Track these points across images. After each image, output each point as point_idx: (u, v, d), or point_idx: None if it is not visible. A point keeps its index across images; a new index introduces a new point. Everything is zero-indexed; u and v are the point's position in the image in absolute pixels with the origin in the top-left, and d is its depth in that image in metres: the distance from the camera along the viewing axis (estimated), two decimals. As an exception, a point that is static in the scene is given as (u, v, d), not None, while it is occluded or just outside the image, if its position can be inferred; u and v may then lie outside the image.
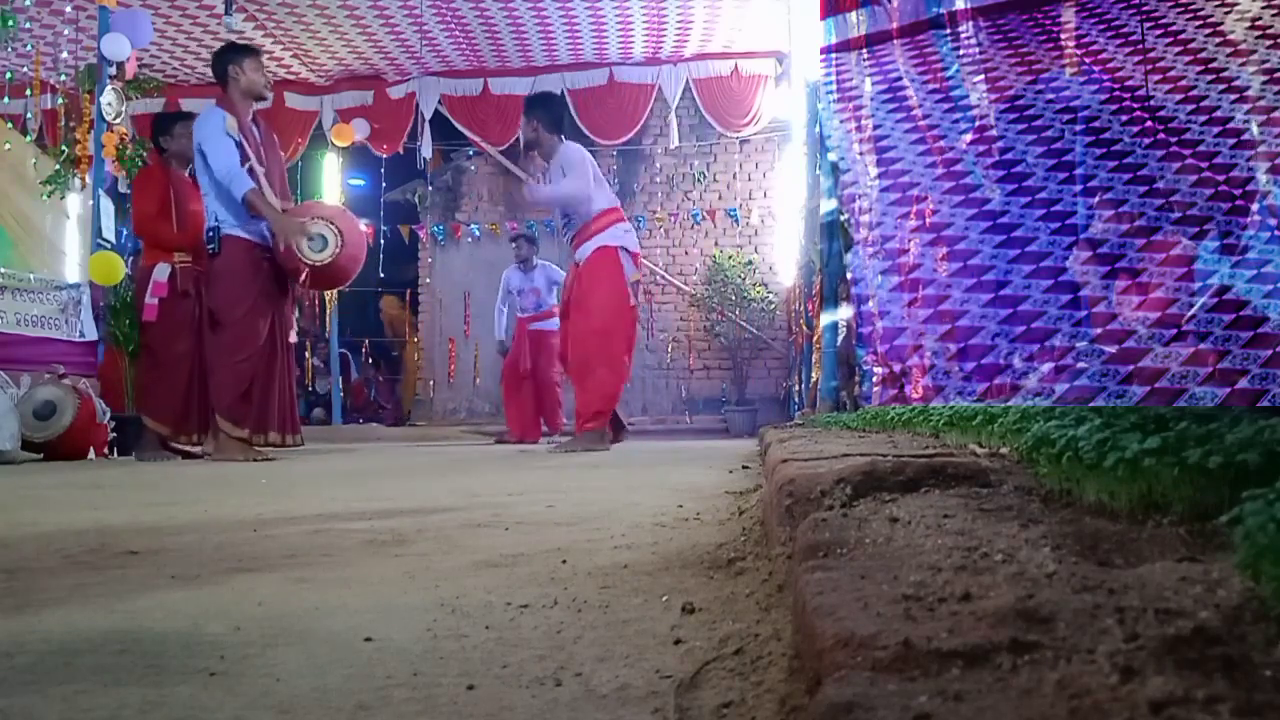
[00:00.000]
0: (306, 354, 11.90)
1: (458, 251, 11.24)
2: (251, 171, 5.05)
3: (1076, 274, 3.08)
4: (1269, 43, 3.30)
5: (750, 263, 10.53)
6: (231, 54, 5.31)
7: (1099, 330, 2.92)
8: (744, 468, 3.66)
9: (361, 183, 12.34)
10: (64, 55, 8.64)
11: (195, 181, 5.67)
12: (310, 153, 10.78)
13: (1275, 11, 3.36)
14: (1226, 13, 3.53)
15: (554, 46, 9.79)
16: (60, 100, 8.75)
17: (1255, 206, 3.00)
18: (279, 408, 5.22)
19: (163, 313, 5.49)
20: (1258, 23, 3.41)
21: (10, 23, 6.87)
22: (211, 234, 5.06)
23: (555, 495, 2.63)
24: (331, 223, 5.20)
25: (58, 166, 6.60)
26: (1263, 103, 3.19)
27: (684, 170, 10.90)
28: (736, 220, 10.81)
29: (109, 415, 5.75)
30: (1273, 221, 2.92)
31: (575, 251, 5.96)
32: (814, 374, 6.23)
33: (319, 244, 5.11)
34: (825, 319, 5.51)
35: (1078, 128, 3.44)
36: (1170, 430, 1.09)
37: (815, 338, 6.21)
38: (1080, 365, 2.85)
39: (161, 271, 5.50)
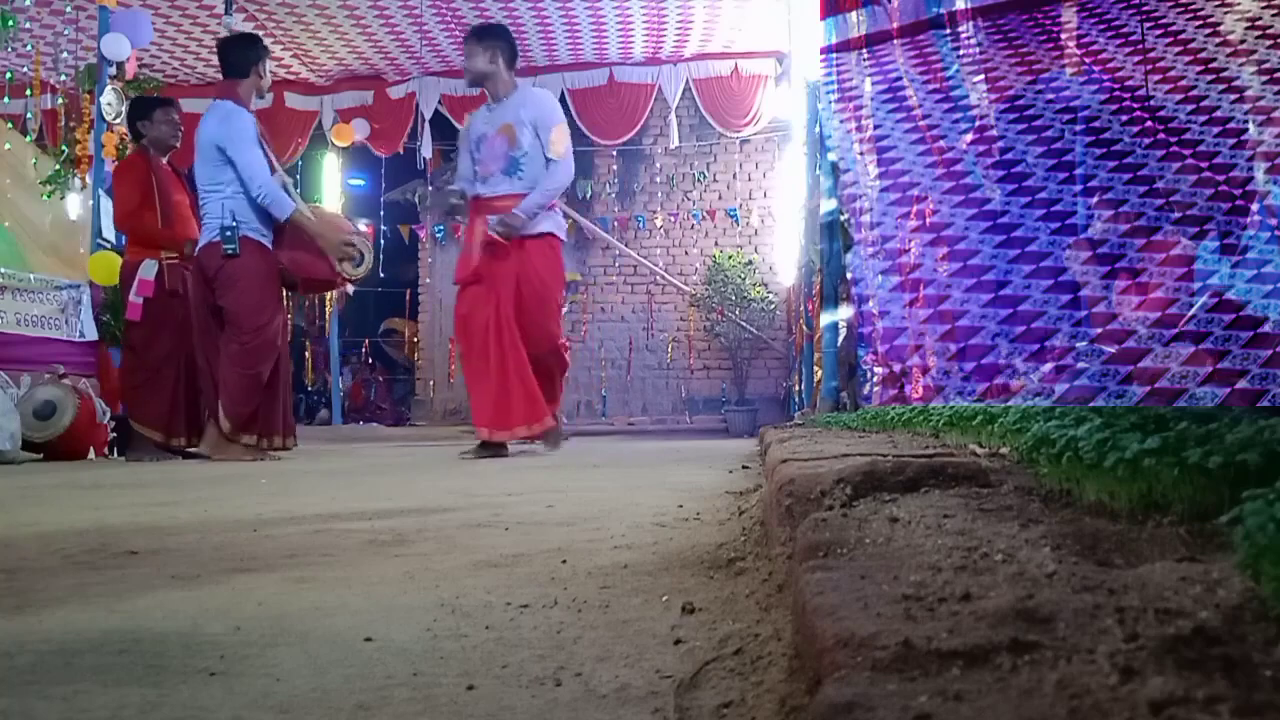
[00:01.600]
0: (306, 354, 11.89)
1: (458, 251, 11.23)
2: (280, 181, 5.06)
3: (1076, 274, 3.08)
4: (1269, 43, 3.30)
5: (750, 263, 10.53)
6: (259, 49, 5.17)
7: (1099, 330, 2.92)
8: (744, 468, 3.66)
9: (361, 183, 12.35)
10: (64, 55, 8.63)
11: (175, 171, 5.61)
12: (310, 153, 10.78)
13: (1275, 11, 3.36)
14: (1226, 13, 3.53)
15: (554, 46, 9.79)
16: (60, 100, 8.75)
17: (1255, 206, 3.00)
18: (281, 411, 5.19)
19: (148, 312, 5.35)
20: (1257, 23, 3.41)
21: (10, 23, 6.87)
22: (229, 233, 4.90)
23: (555, 495, 2.63)
24: (364, 238, 5.43)
25: (58, 166, 6.60)
26: (1263, 103, 3.19)
27: (684, 170, 10.89)
28: (736, 220, 10.81)
29: (109, 415, 5.74)
30: (1273, 221, 2.92)
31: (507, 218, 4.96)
32: (816, 374, 6.22)
33: (358, 260, 5.27)
34: (825, 319, 5.51)
35: (1078, 128, 3.44)
36: (1170, 430, 1.09)
37: (815, 338, 6.20)
38: (1080, 365, 2.85)
39: (148, 269, 5.35)
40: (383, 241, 10.77)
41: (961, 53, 3.93)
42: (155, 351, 5.40)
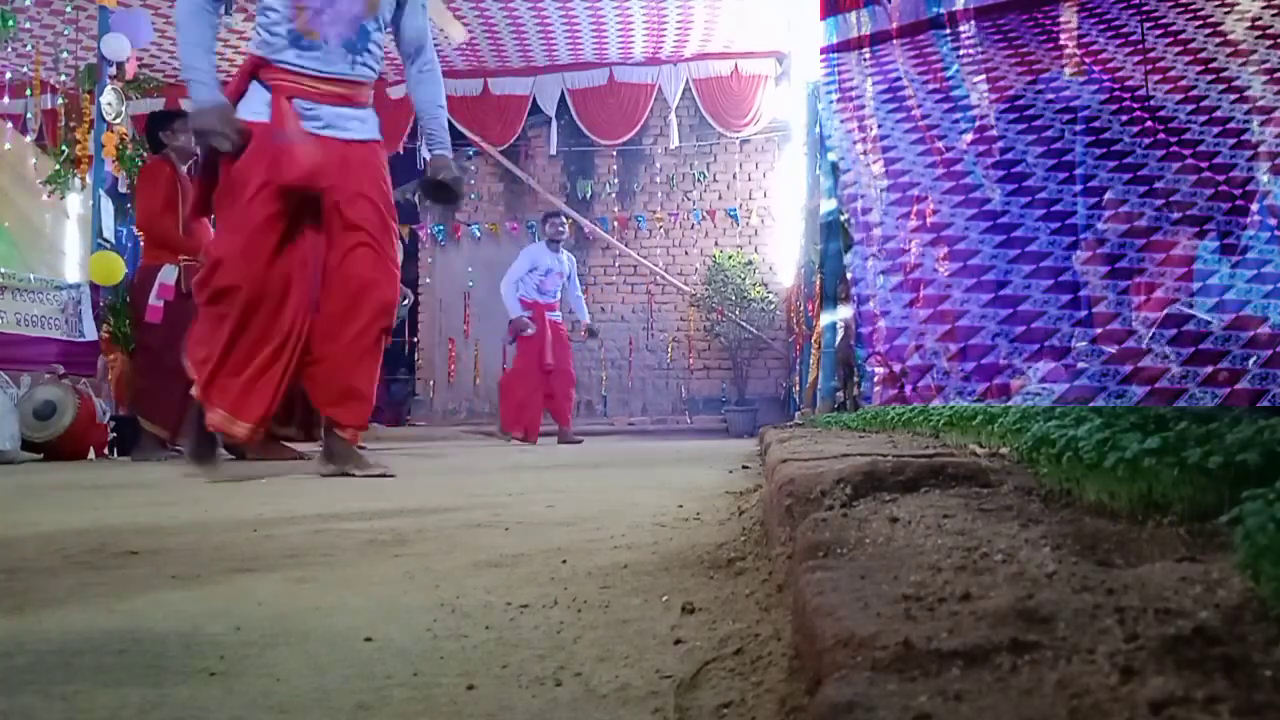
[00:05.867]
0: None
1: (458, 252, 11.24)
2: None
3: (1078, 273, 3.08)
4: (1269, 43, 3.30)
5: (750, 263, 10.54)
6: None
7: (1099, 330, 2.92)
8: (744, 468, 3.66)
9: (361, 182, 12.32)
10: (64, 55, 8.64)
11: (191, 179, 5.68)
12: (310, 153, 10.77)
13: (1275, 11, 3.36)
14: (1226, 13, 3.53)
15: (554, 46, 9.80)
16: (60, 100, 8.75)
17: (1255, 206, 3.00)
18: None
19: (167, 314, 5.46)
20: (1258, 23, 3.41)
21: (10, 23, 6.87)
22: None
23: (555, 495, 2.63)
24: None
25: (58, 166, 6.60)
26: (1263, 103, 3.19)
27: (684, 170, 10.90)
28: (736, 220, 10.81)
29: (109, 415, 5.75)
30: (1273, 221, 2.92)
31: (322, 110, 3.38)
32: (812, 374, 6.21)
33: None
34: (825, 319, 5.51)
35: (1078, 128, 3.44)
36: (1170, 430, 1.09)
37: (815, 338, 6.20)
38: (1080, 365, 2.85)
39: (169, 274, 5.46)
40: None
41: (961, 53, 3.93)
42: (173, 353, 5.47)
